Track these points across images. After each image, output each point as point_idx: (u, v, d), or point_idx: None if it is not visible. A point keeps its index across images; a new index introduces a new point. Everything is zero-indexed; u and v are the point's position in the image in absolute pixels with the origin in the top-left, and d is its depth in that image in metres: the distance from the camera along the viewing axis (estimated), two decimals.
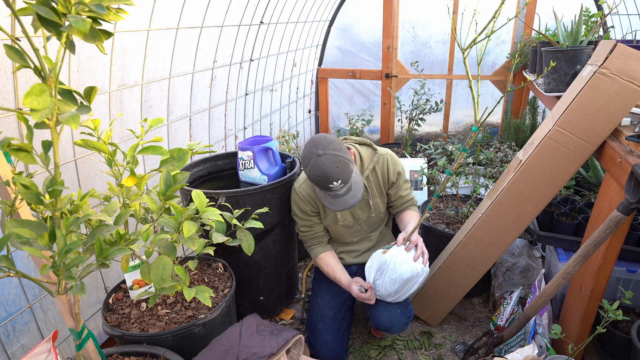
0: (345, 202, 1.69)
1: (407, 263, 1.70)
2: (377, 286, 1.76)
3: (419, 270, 1.71)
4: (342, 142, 1.71)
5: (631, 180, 1.27)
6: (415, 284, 1.74)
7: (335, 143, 1.66)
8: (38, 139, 1.03)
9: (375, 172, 1.89)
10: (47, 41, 0.83)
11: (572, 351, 1.39)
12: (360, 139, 1.94)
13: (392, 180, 1.91)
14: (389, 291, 1.73)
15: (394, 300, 1.78)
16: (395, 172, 1.90)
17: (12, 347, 1.51)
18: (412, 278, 1.70)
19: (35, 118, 0.77)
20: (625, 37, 3.12)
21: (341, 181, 1.63)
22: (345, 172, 1.64)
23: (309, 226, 1.96)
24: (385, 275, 1.72)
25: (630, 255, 1.88)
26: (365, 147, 1.92)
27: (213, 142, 2.72)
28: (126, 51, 1.83)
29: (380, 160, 1.89)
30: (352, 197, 1.69)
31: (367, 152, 1.90)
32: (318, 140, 1.66)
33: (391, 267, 1.70)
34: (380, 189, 1.92)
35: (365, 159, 1.88)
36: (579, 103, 1.55)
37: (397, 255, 1.72)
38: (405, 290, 1.74)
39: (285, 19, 3.27)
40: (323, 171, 1.61)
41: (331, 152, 1.63)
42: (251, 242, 1.42)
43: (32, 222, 0.90)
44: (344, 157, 1.65)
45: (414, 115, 3.65)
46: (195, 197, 1.24)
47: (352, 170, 1.68)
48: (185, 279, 1.21)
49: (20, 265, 1.48)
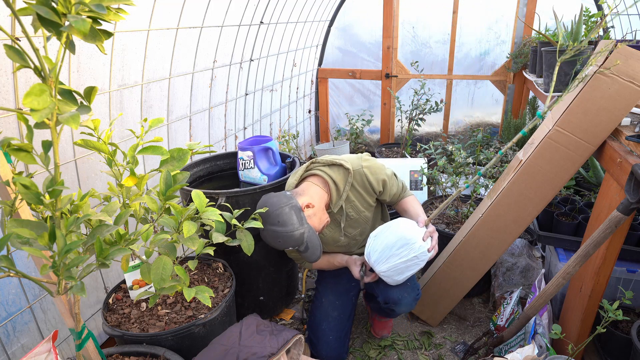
0: (309, 257, 1.69)
1: (412, 230, 1.68)
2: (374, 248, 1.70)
3: (416, 241, 1.64)
4: (283, 207, 1.60)
5: (631, 180, 1.27)
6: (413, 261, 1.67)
7: (273, 216, 1.59)
8: (38, 139, 1.03)
9: (355, 189, 1.81)
10: (47, 41, 0.83)
11: (572, 351, 1.39)
12: (329, 160, 1.79)
13: (379, 190, 1.83)
14: (383, 245, 1.66)
15: (390, 278, 1.71)
16: (379, 182, 1.81)
17: (12, 347, 1.51)
18: (407, 243, 1.64)
19: (35, 118, 0.77)
20: (625, 37, 3.12)
21: (291, 247, 1.64)
22: (291, 242, 1.61)
23: (297, 251, 1.92)
24: (386, 232, 1.70)
25: (630, 255, 1.88)
26: (335, 167, 1.78)
27: (213, 142, 2.72)
28: (126, 51, 1.83)
29: (357, 176, 1.78)
30: (312, 254, 1.68)
31: (340, 174, 1.77)
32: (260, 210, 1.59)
33: (394, 225, 1.70)
34: (367, 202, 1.86)
35: (339, 181, 1.77)
36: (579, 103, 1.55)
37: (408, 222, 1.72)
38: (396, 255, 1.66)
39: (285, 19, 3.27)
40: (271, 243, 1.66)
41: (270, 227, 1.60)
42: (251, 242, 1.42)
43: (32, 222, 0.90)
44: (282, 231, 1.59)
45: (414, 115, 3.65)
46: (195, 197, 1.24)
47: (299, 235, 1.61)
48: (185, 279, 1.21)
49: (20, 265, 1.48)
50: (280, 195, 1.66)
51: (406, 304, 1.82)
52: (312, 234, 1.67)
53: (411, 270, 1.70)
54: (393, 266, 1.67)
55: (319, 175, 1.78)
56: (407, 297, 1.81)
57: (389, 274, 1.70)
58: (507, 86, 3.86)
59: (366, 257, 1.74)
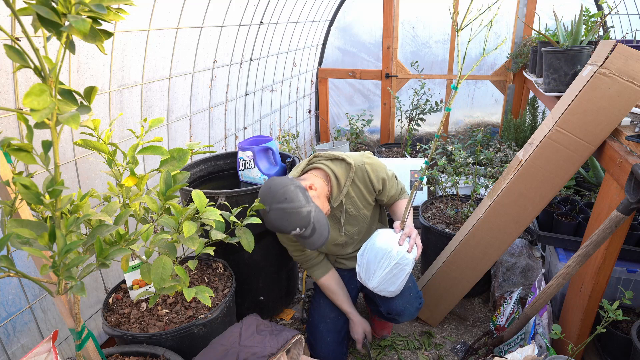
0: (314, 242, 1.64)
1: (387, 239, 1.68)
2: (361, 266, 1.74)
3: (392, 249, 1.64)
4: (289, 185, 1.59)
5: (631, 180, 1.27)
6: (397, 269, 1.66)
7: (279, 194, 1.56)
8: (38, 139, 1.03)
9: (356, 185, 1.81)
10: (47, 41, 0.83)
11: (572, 351, 1.39)
12: (331, 154, 1.80)
13: (378, 188, 1.83)
14: (366, 262, 1.70)
15: (384, 291, 1.72)
16: (379, 180, 1.81)
17: (12, 347, 1.51)
18: (385, 254, 1.64)
19: (35, 118, 0.77)
20: (625, 37, 3.12)
21: (299, 228, 1.58)
22: (298, 220, 1.56)
23: (300, 250, 1.92)
24: (367, 249, 1.72)
25: (630, 255, 1.88)
26: (338, 162, 1.79)
27: (213, 142, 2.72)
28: (126, 51, 1.83)
29: (359, 172, 1.79)
30: (319, 237, 1.63)
31: (342, 168, 1.78)
32: (263, 195, 1.60)
33: (372, 240, 1.72)
34: (366, 200, 1.85)
35: (340, 176, 1.77)
36: (579, 103, 1.55)
37: (384, 233, 1.72)
38: (380, 268, 1.66)
39: (285, 19, 3.27)
40: (276, 226, 1.59)
41: (276, 206, 1.56)
42: (251, 240, 1.42)
43: (32, 222, 0.90)
44: (291, 209, 1.55)
45: (414, 115, 3.65)
46: (195, 197, 1.24)
47: (307, 213, 1.58)
48: (185, 279, 1.21)
49: (20, 265, 1.48)
50: (283, 177, 1.66)
51: (409, 314, 1.82)
52: (319, 212, 1.64)
53: (400, 278, 1.69)
54: (381, 279, 1.68)
55: (321, 168, 1.78)
56: (410, 308, 1.81)
57: (381, 288, 1.71)
58: (507, 86, 3.86)
59: (357, 276, 1.77)
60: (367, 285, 1.73)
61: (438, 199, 2.80)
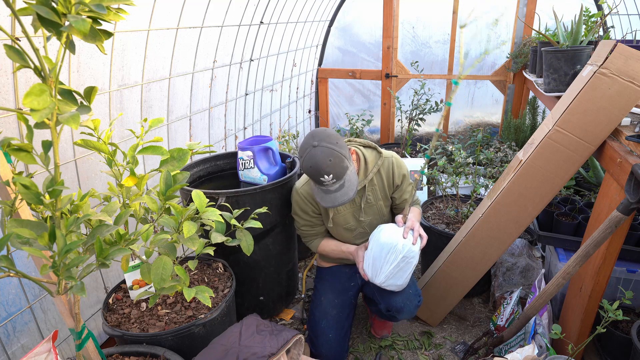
0: (336, 199, 1.67)
1: (391, 233, 1.69)
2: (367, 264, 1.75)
3: (398, 242, 1.65)
4: (341, 139, 1.68)
5: (631, 180, 1.27)
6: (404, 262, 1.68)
7: (333, 137, 1.65)
8: (38, 139, 1.03)
9: (380, 175, 1.88)
10: (47, 41, 0.83)
11: (572, 351, 1.39)
12: (365, 142, 1.92)
13: (397, 184, 1.90)
14: (372, 259, 1.71)
15: (392, 285, 1.73)
16: (401, 175, 1.89)
17: (12, 347, 1.51)
18: (391, 248, 1.66)
19: (35, 118, 0.77)
20: (625, 37, 3.12)
21: (333, 176, 1.61)
22: (338, 167, 1.62)
23: (310, 226, 1.96)
24: (372, 245, 1.74)
25: (630, 255, 1.88)
26: (370, 149, 1.90)
27: (213, 142, 2.72)
28: (126, 51, 1.83)
29: (386, 163, 1.88)
30: (343, 195, 1.67)
31: (372, 155, 1.89)
32: (316, 132, 1.67)
33: (376, 235, 1.73)
34: (385, 193, 1.92)
35: (369, 162, 1.86)
36: (579, 103, 1.55)
37: (387, 227, 1.74)
38: (387, 263, 1.68)
39: (285, 19, 3.27)
40: (315, 162, 1.60)
41: (326, 144, 1.62)
42: (250, 242, 1.42)
43: (32, 222, 0.90)
44: (339, 152, 1.63)
45: (414, 115, 3.65)
46: (195, 197, 1.24)
47: (346, 167, 1.66)
48: (185, 279, 1.21)
49: (20, 265, 1.48)
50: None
51: (408, 311, 1.83)
52: (354, 174, 1.71)
53: (407, 271, 1.72)
54: (388, 274, 1.70)
55: (355, 150, 1.85)
56: (409, 305, 1.82)
57: (389, 283, 1.73)
58: (507, 86, 3.86)
59: (365, 272, 1.78)
60: (374, 282, 1.74)
61: (438, 199, 2.80)
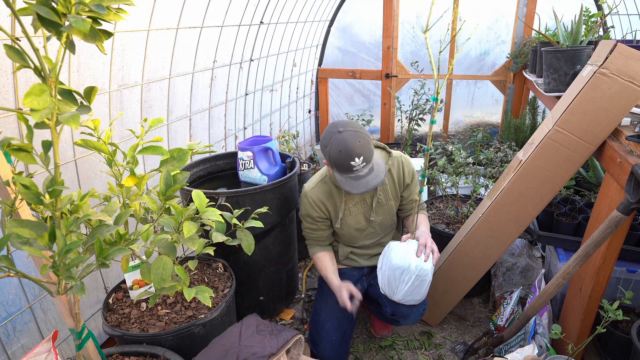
0: (368, 182, 1.64)
1: (403, 255, 1.69)
2: (382, 283, 1.77)
3: (410, 264, 1.66)
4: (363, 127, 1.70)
5: (631, 180, 1.27)
6: (418, 280, 1.69)
7: (355, 124, 1.67)
8: (38, 139, 1.03)
9: (390, 175, 1.89)
10: (47, 41, 0.83)
11: (572, 351, 1.39)
12: (375, 142, 1.92)
13: (407, 182, 1.91)
14: (387, 280, 1.72)
15: (411, 300, 1.74)
16: (410, 174, 1.91)
17: (12, 347, 1.51)
18: (404, 270, 1.67)
19: (35, 118, 0.77)
20: (625, 37, 3.12)
21: (363, 158, 1.60)
22: (367, 149, 1.61)
23: (313, 230, 1.95)
24: (384, 266, 1.74)
25: (630, 255, 1.88)
26: (379, 150, 1.90)
27: (213, 142, 2.72)
28: (126, 51, 1.83)
29: (395, 162, 1.89)
30: (374, 178, 1.65)
31: (382, 155, 1.88)
32: (338, 121, 1.67)
33: (387, 257, 1.73)
34: (396, 192, 1.93)
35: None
36: (579, 103, 1.55)
37: (397, 247, 1.73)
38: (402, 283, 1.69)
39: (285, 19, 3.27)
40: (344, 146, 1.58)
41: (352, 129, 1.62)
42: (251, 242, 1.42)
43: (32, 222, 0.90)
44: (365, 134, 1.63)
45: (414, 115, 3.65)
46: (195, 197, 1.24)
47: (373, 149, 1.66)
48: (185, 279, 1.21)
49: (20, 265, 1.48)
50: None
51: (413, 318, 1.83)
52: (380, 158, 1.72)
53: (424, 287, 1.73)
54: (405, 293, 1.72)
55: None
56: (415, 312, 1.82)
57: (408, 299, 1.75)
58: (507, 86, 3.85)
59: (381, 290, 1.80)
60: (392, 299, 1.77)
61: (438, 199, 2.80)
